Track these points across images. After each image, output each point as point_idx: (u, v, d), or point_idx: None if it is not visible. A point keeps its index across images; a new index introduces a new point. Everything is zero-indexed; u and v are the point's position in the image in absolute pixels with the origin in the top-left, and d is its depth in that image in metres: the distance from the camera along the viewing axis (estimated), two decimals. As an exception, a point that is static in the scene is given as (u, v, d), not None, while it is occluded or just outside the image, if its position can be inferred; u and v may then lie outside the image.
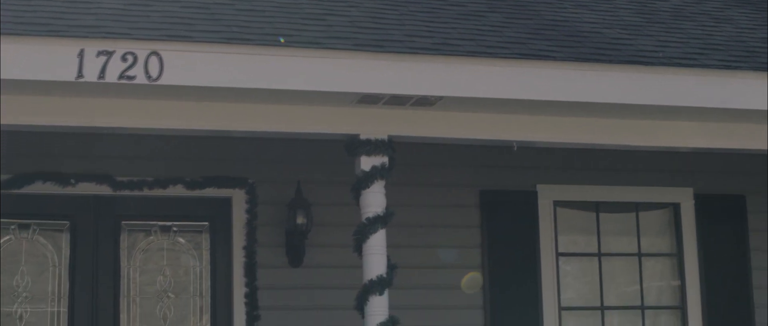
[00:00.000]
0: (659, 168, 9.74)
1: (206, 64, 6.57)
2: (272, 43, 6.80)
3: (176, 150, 8.73)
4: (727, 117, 7.68)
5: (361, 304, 7.17)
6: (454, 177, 9.41)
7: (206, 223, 9.07)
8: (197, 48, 6.58)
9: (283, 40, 6.80)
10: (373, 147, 7.23)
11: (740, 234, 9.92)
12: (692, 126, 7.85)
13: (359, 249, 7.25)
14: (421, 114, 7.37)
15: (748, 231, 9.98)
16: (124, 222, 8.91)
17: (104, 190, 8.71)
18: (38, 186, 8.58)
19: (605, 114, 7.59)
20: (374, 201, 7.23)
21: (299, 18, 7.54)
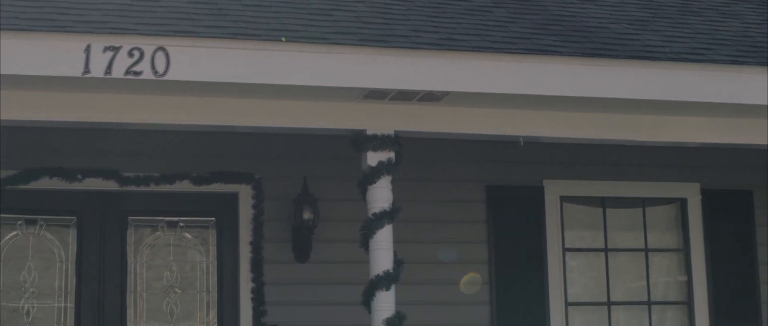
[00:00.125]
0: (666, 163, 9.72)
1: (213, 60, 6.57)
2: (279, 39, 6.79)
3: (183, 145, 8.74)
4: (733, 112, 7.66)
5: (367, 300, 7.17)
6: (460, 172, 9.41)
7: (213, 219, 9.08)
8: (204, 43, 6.58)
9: (284, 39, 6.79)
10: (379, 142, 7.23)
11: (747, 229, 9.91)
12: (699, 121, 7.84)
13: (366, 244, 7.24)
14: (427, 109, 7.37)
15: (754, 226, 9.97)
16: (130, 217, 8.92)
17: (111, 186, 8.72)
18: (45, 181, 8.59)
19: (612, 109, 7.58)
20: (381, 196, 7.23)
21: (306, 13, 7.54)
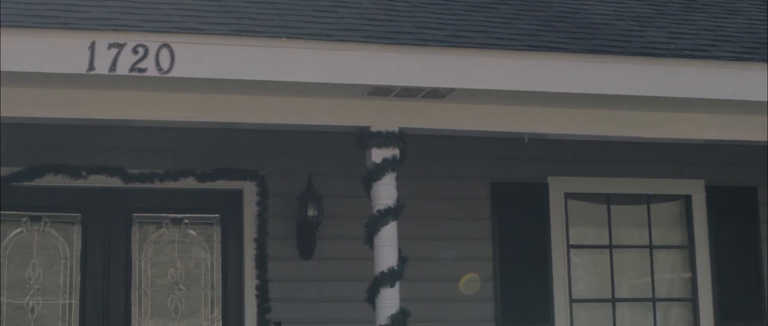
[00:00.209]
0: (670, 160, 9.71)
1: (217, 57, 6.56)
2: (284, 35, 6.78)
3: (187, 142, 8.74)
4: (738, 108, 7.65)
5: (372, 296, 7.17)
6: (465, 169, 9.41)
7: (217, 216, 9.08)
8: (208, 40, 6.57)
9: (285, 38, 6.78)
10: (384, 139, 7.22)
11: (752, 225, 9.90)
12: (703, 118, 7.83)
13: (370, 241, 7.24)
14: (432, 106, 7.36)
15: (759, 223, 9.96)
16: (135, 214, 8.93)
17: (115, 183, 8.72)
18: (50, 178, 8.59)
19: (616, 106, 7.57)
20: (385, 193, 7.22)
21: (310, 10, 7.53)
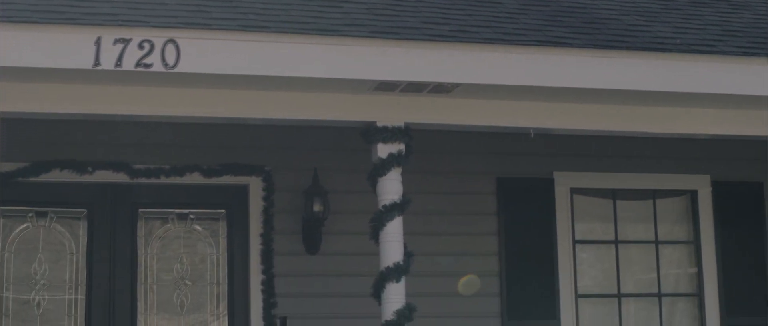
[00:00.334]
0: (676, 155, 9.71)
1: (223, 52, 6.56)
2: (289, 31, 6.78)
3: (193, 138, 8.74)
4: (744, 104, 7.64)
5: (377, 291, 7.17)
6: (470, 164, 9.40)
7: (223, 211, 9.08)
8: (214, 35, 6.57)
9: (290, 33, 6.77)
10: (389, 134, 7.22)
11: (758, 220, 9.89)
12: (710, 113, 7.82)
13: (376, 236, 7.23)
14: (438, 101, 7.35)
15: (765, 217, 9.95)
16: (141, 209, 8.93)
17: (121, 178, 8.72)
18: (55, 174, 8.60)
19: (622, 101, 7.56)
20: (391, 188, 7.22)
21: (316, 5, 7.53)
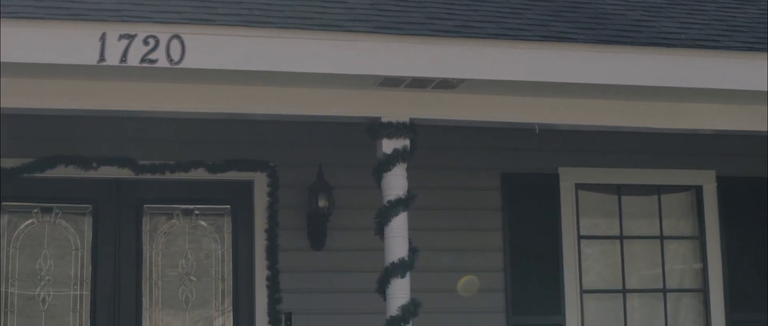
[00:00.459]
0: (681, 150, 9.70)
1: (228, 47, 6.56)
2: (293, 26, 6.78)
3: (197, 133, 8.75)
4: (749, 99, 7.63)
5: (382, 287, 7.17)
6: (475, 160, 9.40)
7: (228, 206, 9.09)
8: (219, 31, 6.57)
9: (296, 30, 6.77)
10: (394, 130, 7.22)
11: (763, 216, 9.87)
12: (714, 108, 7.82)
13: (381, 232, 7.24)
14: (442, 97, 7.36)
15: (770, 213, 9.96)
16: (145, 205, 8.94)
17: (126, 174, 8.72)
18: (61, 170, 8.60)
19: (627, 96, 7.56)
20: (396, 184, 7.22)
21: (320, 0, 7.52)
